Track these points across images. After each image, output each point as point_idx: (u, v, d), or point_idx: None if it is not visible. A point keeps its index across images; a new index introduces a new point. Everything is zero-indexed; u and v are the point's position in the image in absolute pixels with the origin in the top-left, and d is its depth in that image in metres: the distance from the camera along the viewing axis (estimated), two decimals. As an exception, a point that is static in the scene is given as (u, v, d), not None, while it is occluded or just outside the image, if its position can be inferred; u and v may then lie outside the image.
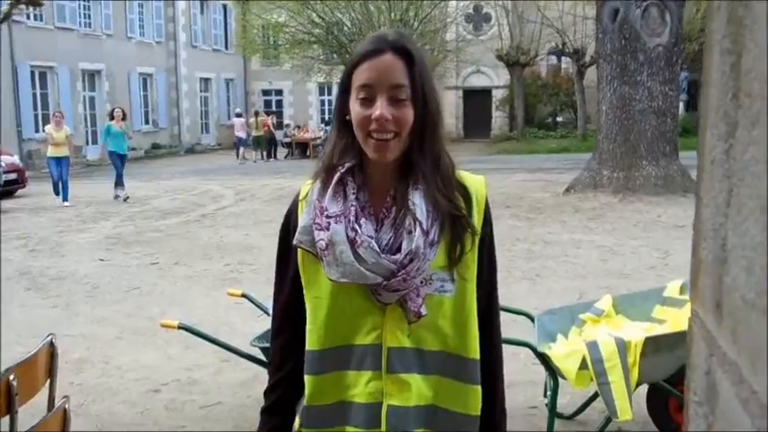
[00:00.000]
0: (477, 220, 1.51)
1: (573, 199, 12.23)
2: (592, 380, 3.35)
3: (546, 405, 3.74)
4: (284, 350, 1.61)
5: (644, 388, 3.61)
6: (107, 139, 15.11)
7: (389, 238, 1.46)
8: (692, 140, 23.57)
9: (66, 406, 2.35)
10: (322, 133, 28.12)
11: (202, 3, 33.67)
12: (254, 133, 26.65)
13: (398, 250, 1.43)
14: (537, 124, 32.44)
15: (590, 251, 8.31)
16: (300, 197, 1.57)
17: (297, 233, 1.50)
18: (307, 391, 1.56)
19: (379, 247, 1.44)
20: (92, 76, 26.99)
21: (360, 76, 1.45)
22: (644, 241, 8.80)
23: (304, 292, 1.55)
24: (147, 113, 30.30)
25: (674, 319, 3.66)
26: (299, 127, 30.57)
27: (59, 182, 14.09)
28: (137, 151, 27.98)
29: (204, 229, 10.71)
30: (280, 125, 34.20)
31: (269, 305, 4.08)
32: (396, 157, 1.46)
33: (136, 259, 8.67)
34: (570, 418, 3.99)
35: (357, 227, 1.44)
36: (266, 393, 1.63)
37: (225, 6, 35.23)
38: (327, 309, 1.51)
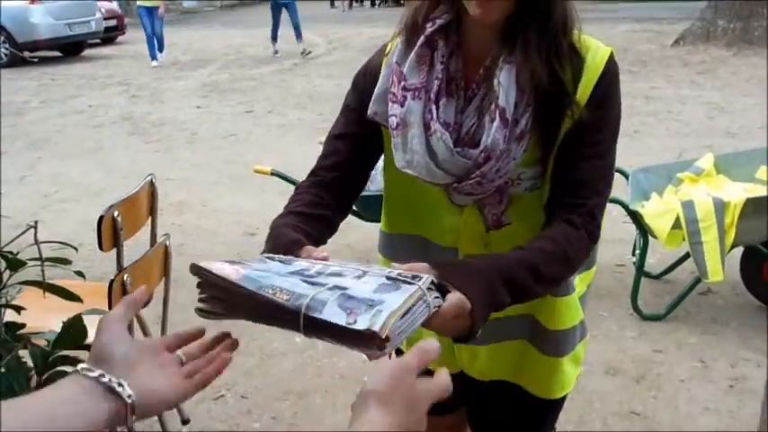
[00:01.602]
0: (580, 96, 1.15)
1: (681, 52, 11.46)
2: (683, 240, 3.27)
3: (633, 263, 3.70)
4: (313, 197, 1.29)
5: (738, 251, 3.50)
6: None
7: (472, 125, 1.16)
8: (824, -13, 21.02)
9: (167, 242, 2.49)
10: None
11: None
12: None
13: (480, 143, 1.14)
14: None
15: (695, 108, 7.87)
16: (387, 49, 1.28)
17: (372, 102, 1.24)
18: None
19: (459, 135, 1.16)
20: None
21: None
22: (757, 99, 8.22)
23: (384, 166, 1.33)
24: (240, -42, 29.77)
25: (781, 181, 3.47)
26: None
27: (153, 36, 12.61)
28: (231, -2, 27.85)
29: (297, 78, 10.74)
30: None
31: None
32: (502, 15, 1.12)
33: (231, 107, 8.85)
34: (658, 277, 3.94)
35: (434, 108, 1.15)
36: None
37: None
38: (403, 193, 1.31)
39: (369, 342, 0.81)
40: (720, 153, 4.03)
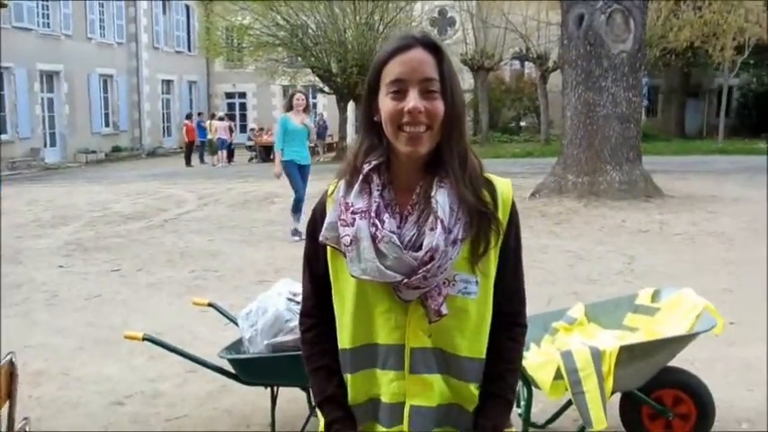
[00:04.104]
0: (502, 218, 1.52)
1: (539, 204, 12.29)
2: (566, 389, 3.33)
3: (519, 415, 3.70)
4: (318, 344, 1.64)
5: (617, 396, 3.59)
6: (283, 139, 9.31)
7: (412, 235, 1.47)
8: (653, 146, 23.86)
9: (27, 428, 2.24)
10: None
11: (164, 3, 33.23)
12: (208, 137, 26.29)
13: (421, 247, 1.44)
14: (501, 128, 32.68)
15: (557, 256, 8.33)
16: (328, 194, 1.59)
17: (323, 230, 1.52)
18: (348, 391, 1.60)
19: (402, 244, 1.45)
20: (50, 77, 26.41)
21: (390, 71, 1.46)
22: (610, 246, 8.86)
23: (332, 289, 1.57)
24: (107, 116, 29.79)
25: (647, 328, 3.66)
26: (262, 130, 30.27)
27: None
28: (97, 154, 27.51)
29: (167, 235, 10.51)
30: (243, 128, 33.91)
31: (236, 314, 4.00)
32: (428, 150, 1.47)
33: (96, 266, 8.46)
34: (543, 426, 3.95)
35: (378, 222, 1.45)
36: (319, 387, 1.62)
37: (187, 7, 34.82)
38: (353, 306, 1.53)
39: None
40: (585, 299, 4.22)
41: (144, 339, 3.66)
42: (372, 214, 1.46)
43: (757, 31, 25.19)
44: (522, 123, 34.17)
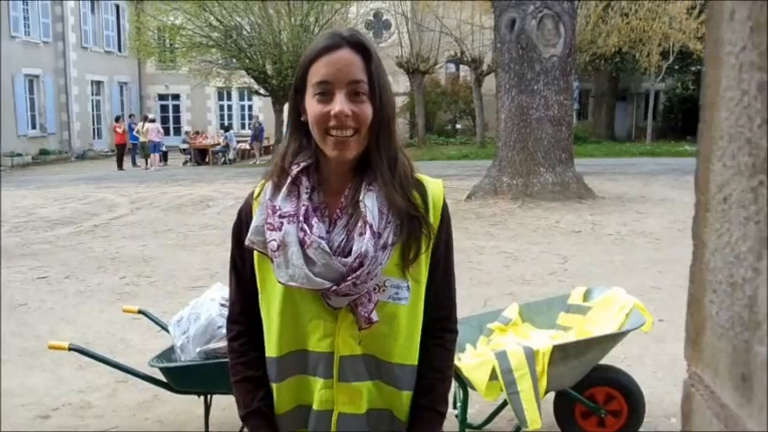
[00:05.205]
0: (433, 220, 1.49)
1: (474, 205, 12.42)
2: (502, 390, 3.35)
3: (456, 417, 3.71)
4: (244, 354, 1.60)
5: (551, 395, 3.64)
6: None
7: (341, 240, 1.43)
8: (584, 148, 24.39)
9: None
10: (221, 139, 27.49)
11: (93, 2, 32.34)
12: (141, 139, 25.64)
13: (350, 253, 1.40)
14: (437, 131, 32.94)
15: (493, 257, 8.43)
16: (254, 195, 1.54)
17: (249, 233, 1.47)
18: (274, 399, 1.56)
19: (331, 249, 1.41)
20: (-29, 78, 25.36)
21: (316, 73, 1.41)
22: (544, 247, 9.01)
23: (259, 295, 1.53)
24: (33, 117, 28.74)
25: (579, 326, 3.72)
26: (197, 133, 29.74)
27: None
28: (23, 157, 26.56)
29: (98, 240, 10.20)
30: (177, 131, 33.28)
31: (168, 321, 3.90)
32: (356, 154, 1.43)
33: (21, 273, 8.14)
34: (479, 428, 3.98)
35: (306, 227, 1.41)
36: (243, 400, 1.58)
37: (117, 6, 33.99)
38: (280, 313, 1.49)
39: None
40: (520, 299, 4.27)
41: (70, 349, 3.53)
42: (300, 218, 1.41)
43: (681, 38, 26.09)
44: (458, 126, 34.52)
